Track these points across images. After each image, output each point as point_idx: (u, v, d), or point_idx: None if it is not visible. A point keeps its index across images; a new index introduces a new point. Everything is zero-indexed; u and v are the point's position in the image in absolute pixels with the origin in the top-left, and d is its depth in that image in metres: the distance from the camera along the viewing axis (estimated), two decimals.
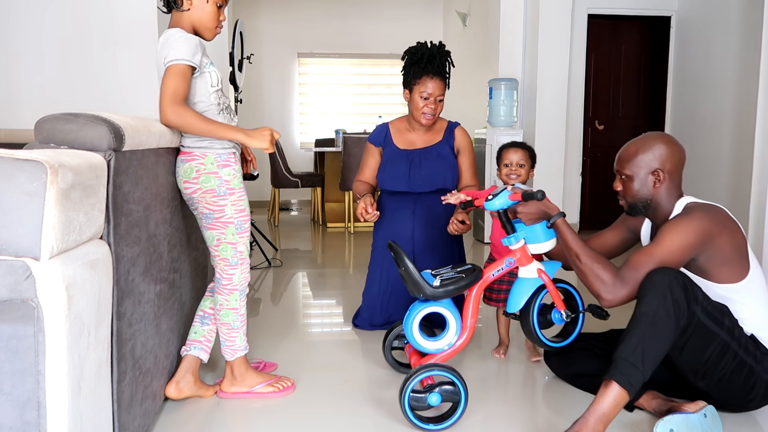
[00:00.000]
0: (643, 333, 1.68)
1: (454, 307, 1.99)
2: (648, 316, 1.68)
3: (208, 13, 1.88)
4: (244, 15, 7.51)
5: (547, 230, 2.01)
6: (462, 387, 1.84)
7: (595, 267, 1.83)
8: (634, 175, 1.91)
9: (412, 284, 1.93)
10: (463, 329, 1.98)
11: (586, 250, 1.87)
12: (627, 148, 1.96)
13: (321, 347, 2.66)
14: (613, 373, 1.66)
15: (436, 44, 2.73)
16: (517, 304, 2.02)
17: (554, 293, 2.04)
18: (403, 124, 2.87)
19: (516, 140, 2.55)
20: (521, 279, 2.04)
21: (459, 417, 1.85)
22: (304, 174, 6.48)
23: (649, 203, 1.93)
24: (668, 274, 1.72)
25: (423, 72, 2.67)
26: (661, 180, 1.89)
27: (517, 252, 2.02)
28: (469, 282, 1.96)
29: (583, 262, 1.86)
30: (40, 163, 1.12)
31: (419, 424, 1.84)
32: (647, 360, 1.66)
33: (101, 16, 4.32)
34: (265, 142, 1.87)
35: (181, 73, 1.78)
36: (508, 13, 5.54)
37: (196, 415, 1.96)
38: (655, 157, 1.89)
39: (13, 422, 1.13)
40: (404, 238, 2.76)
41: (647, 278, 1.74)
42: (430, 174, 2.75)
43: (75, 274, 1.21)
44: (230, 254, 1.95)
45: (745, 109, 4.70)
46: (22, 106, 4.23)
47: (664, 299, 1.68)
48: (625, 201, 1.98)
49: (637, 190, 1.92)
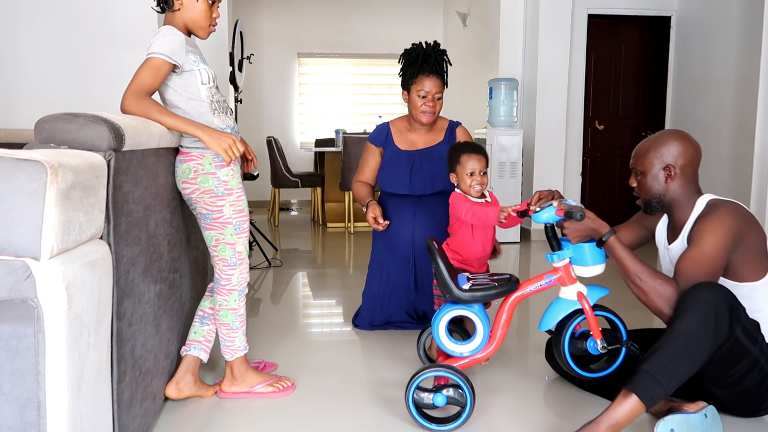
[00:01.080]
0: (678, 352, 1.62)
1: (485, 315, 1.97)
2: (687, 336, 1.63)
3: (200, 11, 1.88)
4: (244, 15, 7.51)
5: (596, 253, 1.89)
6: (469, 392, 1.82)
7: (656, 285, 1.78)
8: (646, 170, 1.91)
9: (442, 284, 1.92)
10: (491, 339, 1.95)
11: (642, 267, 1.81)
12: (642, 144, 1.96)
13: (321, 347, 2.66)
14: (636, 387, 1.62)
15: (431, 44, 2.73)
16: (548, 323, 1.92)
17: (592, 321, 1.90)
18: (404, 124, 2.86)
19: (468, 141, 2.35)
20: (559, 298, 1.93)
21: (461, 423, 1.84)
22: (304, 174, 6.48)
23: (662, 199, 1.92)
24: (717, 294, 1.67)
25: (419, 71, 2.67)
26: (673, 176, 1.88)
27: (559, 270, 1.92)
28: (500, 292, 1.92)
29: (643, 280, 1.80)
30: (40, 163, 1.12)
31: (420, 420, 1.84)
32: (674, 379, 1.62)
33: (101, 16, 4.32)
34: (220, 149, 1.80)
35: (154, 66, 1.79)
36: (508, 13, 5.54)
37: (196, 415, 1.95)
38: (667, 153, 1.89)
39: (13, 422, 1.13)
40: (404, 240, 2.75)
41: (693, 293, 1.69)
42: (431, 176, 2.74)
43: (75, 274, 1.21)
44: (229, 254, 1.95)
45: (745, 109, 4.70)
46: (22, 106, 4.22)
47: (707, 320, 1.63)
48: (641, 198, 1.97)
49: (650, 186, 1.92)
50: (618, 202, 5.96)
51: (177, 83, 1.87)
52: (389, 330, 2.79)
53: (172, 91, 1.88)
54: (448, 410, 1.92)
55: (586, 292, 1.91)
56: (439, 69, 2.69)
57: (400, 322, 2.80)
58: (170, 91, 1.88)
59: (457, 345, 1.96)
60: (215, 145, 1.81)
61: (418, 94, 2.68)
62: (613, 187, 5.94)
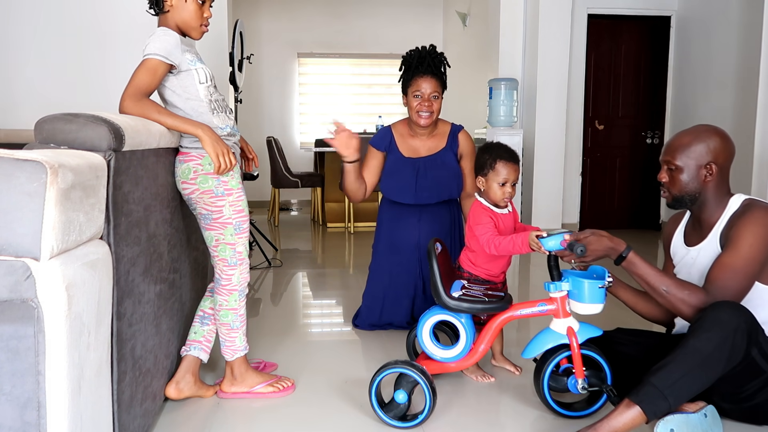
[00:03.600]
0: (689, 369, 1.58)
1: (472, 326, 1.96)
2: (701, 355, 1.58)
3: (190, 12, 1.88)
4: (244, 15, 7.50)
5: (595, 292, 1.80)
6: (429, 393, 1.82)
7: (684, 295, 1.72)
8: (684, 166, 1.81)
9: (433, 287, 1.92)
10: (472, 351, 1.95)
11: (666, 279, 1.75)
12: (680, 137, 1.85)
13: (321, 347, 2.66)
14: (642, 399, 1.59)
15: (427, 47, 2.70)
16: (532, 351, 1.89)
17: (576, 359, 1.85)
18: (405, 129, 2.81)
19: (502, 144, 2.12)
20: (549, 329, 1.90)
21: (419, 423, 1.85)
22: (304, 174, 6.48)
23: (697, 197, 1.84)
24: (738, 315, 1.62)
25: (414, 73, 2.65)
26: (713, 174, 1.80)
27: (555, 301, 1.87)
28: (487, 308, 1.91)
29: (670, 293, 1.73)
30: (40, 163, 1.12)
31: (381, 415, 1.87)
32: (681, 397, 1.59)
33: (101, 16, 4.32)
34: (213, 152, 1.80)
35: (151, 67, 1.79)
36: (508, 13, 5.54)
37: (196, 415, 1.95)
38: (709, 150, 1.79)
39: (13, 422, 1.13)
40: (410, 245, 2.74)
41: (714, 312, 1.63)
42: (436, 185, 2.71)
43: (75, 274, 1.21)
44: (229, 255, 1.95)
45: (745, 109, 4.70)
46: (22, 106, 4.23)
47: (724, 342, 1.58)
48: (670, 193, 1.87)
49: (686, 182, 1.82)
50: (618, 202, 5.96)
51: (175, 84, 1.87)
52: (389, 330, 2.79)
53: (170, 92, 1.88)
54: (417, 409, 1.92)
55: (577, 329, 1.86)
56: (435, 69, 2.66)
57: (400, 325, 2.79)
58: (168, 92, 1.88)
59: (438, 348, 1.96)
60: (210, 147, 1.81)
61: (414, 94, 2.66)
62: (613, 187, 5.94)
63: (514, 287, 3.76)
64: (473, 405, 2.06)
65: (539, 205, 5.44)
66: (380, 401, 1.89)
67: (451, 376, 2.25)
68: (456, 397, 2.10)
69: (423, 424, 1.86)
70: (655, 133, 5.88)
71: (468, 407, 2.04)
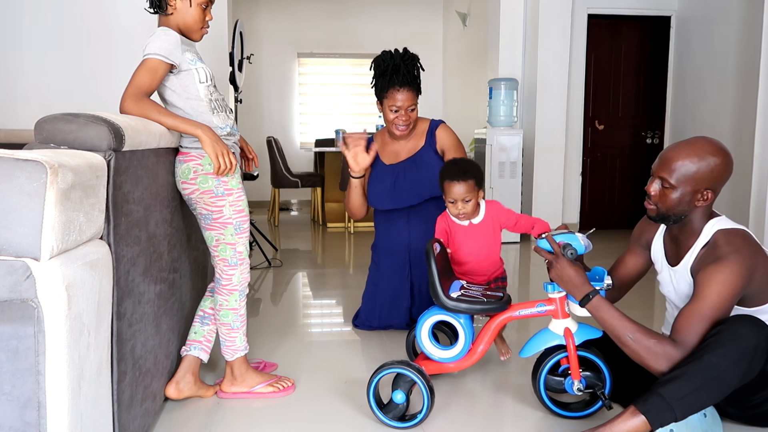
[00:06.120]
0: (702, 384, 1.54)
1: (471, 327, 1.96)
2: (716, 370, 1.54)
3: (193, 15, 1.89)
4: (244, 15, 7.51)
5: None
6: (427, 394, 1.82)
7: (651, 345, 1.64)
8: (679, 187, 1.70)
9: (431, 287, 1.92)
10: (470, 352, 1.95)
11: (633, 326, 1.67)
12: (677, 152, 1.71)
13: (321, 347, 2.66)
14: (649, 410, 1.56)
15: (400, 52, 2.63)
16: (529, 350, 1.90)
17: (573, 360, 1.86)
18: (385, 135, 2.79)
19: (455, 160, 2.24)
20: (547, 329, 1.90)
21: (417, 423, 1.85)
22: (304, 174, 6.48)
23: (682, 218, 1.76)
24: (757, 333, 1.58)
25: (389, 85, 2.58)
26: (707, 200, 1.71)
27: (553, 302, 1.88)
28: (485, 309, 1.90)
29: (636, 340, 1.65)
30: (40, 163, 1.12)
31: (379, 414, 1.87)
32: (690, 410, 1.56)
33: (101, 16, 4.32)
34: (212, 152, 1.80)
35: (151, 67, 1.79)
36: (508, 13, 5.54)
37: (196, 415, 1.96)
38: (711, 176, 1.68)
39: (13, 422, 1.13)
40: (401, 247, 2.75)
41: (732, 327, 1.59)
42: (416, 185, 2.67)
43: (75, 274, 1.21)
44: (229, 255, 1.95)
45: (745, 109, 4.70)
46: (22, 106, 4.23)
47: (741, 359, 1.55)
48: (656, 208, 1.78)
49: (677, 203, 1.72)
50: (618, 202, 5.96)
51: (175, 83, 1.87)
52: (389, 330, 2.79)
53: (170, 92, 1.88)
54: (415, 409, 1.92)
55: (575, 330, 1.86)
56: (411, 80, 2.59)
57: (399, 327, 2.79)
58: (169, 91, 1.89)
59: (436, 349, 1.96)
60: (209, 148, 1.81)
61: (390, 108, 2.61)
62: (613, 187, 5.94)
63: (514, 287, 3.77)
64: (472, 405, 2.06)
65: (539, 205, 5.44)
66: (378, 402, 1.89)
67: (450, 376, 2.26)
68: (454, 397, 2.10)
69: (422, 424, 1.86)
70: (655, 133, 5.88)
71: (466, 407, 2.04)
